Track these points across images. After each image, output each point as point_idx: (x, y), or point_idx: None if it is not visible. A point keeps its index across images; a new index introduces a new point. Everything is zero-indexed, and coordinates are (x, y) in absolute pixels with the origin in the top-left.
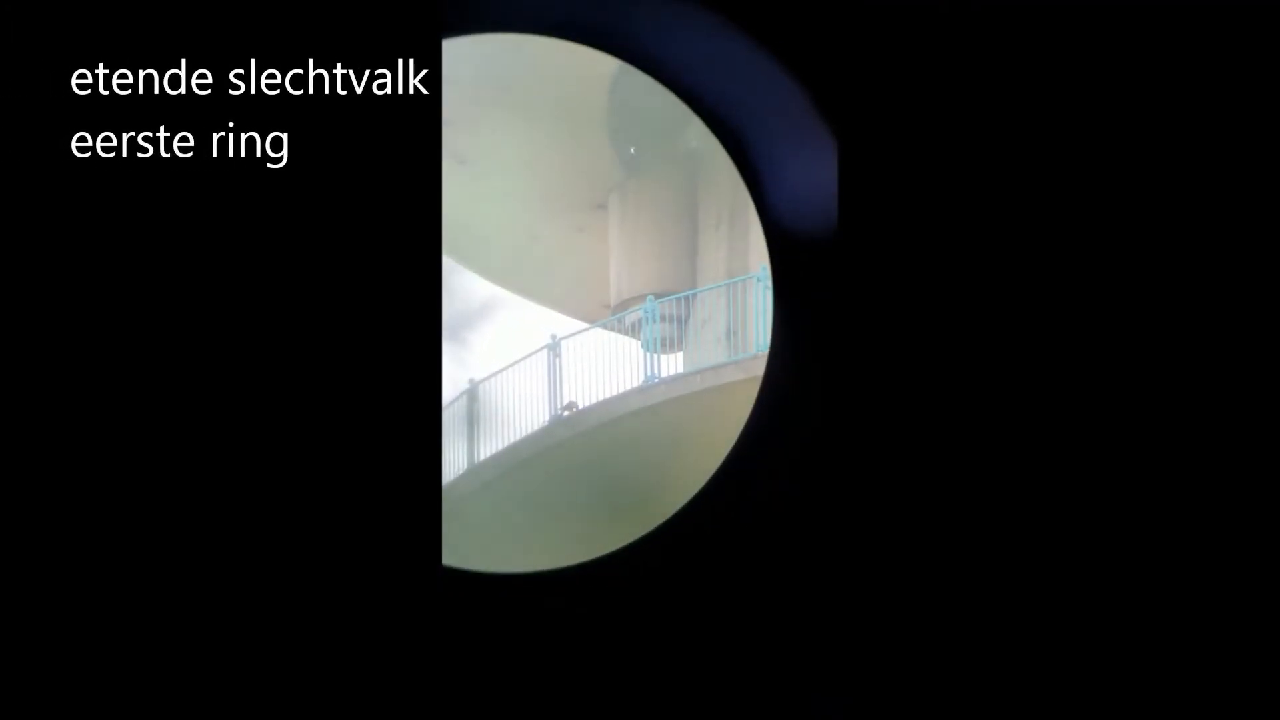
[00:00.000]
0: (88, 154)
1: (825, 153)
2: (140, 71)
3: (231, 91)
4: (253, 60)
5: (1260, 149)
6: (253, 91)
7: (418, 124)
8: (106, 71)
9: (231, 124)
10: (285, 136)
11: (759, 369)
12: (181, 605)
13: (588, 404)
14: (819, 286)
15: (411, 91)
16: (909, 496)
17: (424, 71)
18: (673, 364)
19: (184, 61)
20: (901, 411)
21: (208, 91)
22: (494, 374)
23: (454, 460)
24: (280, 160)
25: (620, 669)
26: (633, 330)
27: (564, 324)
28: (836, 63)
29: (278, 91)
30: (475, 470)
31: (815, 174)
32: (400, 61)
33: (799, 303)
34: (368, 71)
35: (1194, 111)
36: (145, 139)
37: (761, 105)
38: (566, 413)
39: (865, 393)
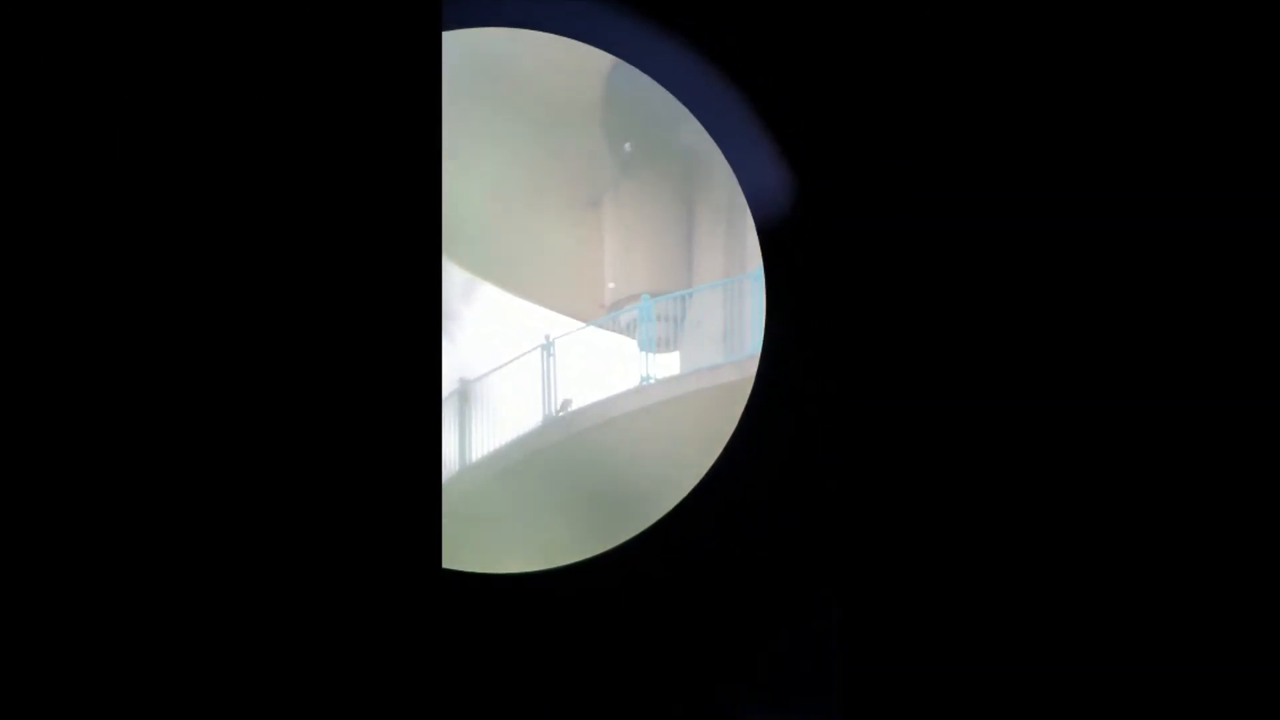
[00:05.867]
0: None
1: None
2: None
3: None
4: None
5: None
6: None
7: (418, 123)
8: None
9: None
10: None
11: (755, 369)
12: (182, 605)
13: (582, 405)
14: (810, 283)
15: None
16: (905, 496)
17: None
18: (669, 364)
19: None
20: (896, 409)
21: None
22: (486, 374)
23: (445, 460)
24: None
25: (615, 668)
26: (628, 330)
27: (558, 323)
28: (803, 79)
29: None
30: (468, 470)
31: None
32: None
33: (790, 300)
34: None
35: (1165, 110)
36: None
37: (750, 103)
38: (562, 412)
39: (858, 391)
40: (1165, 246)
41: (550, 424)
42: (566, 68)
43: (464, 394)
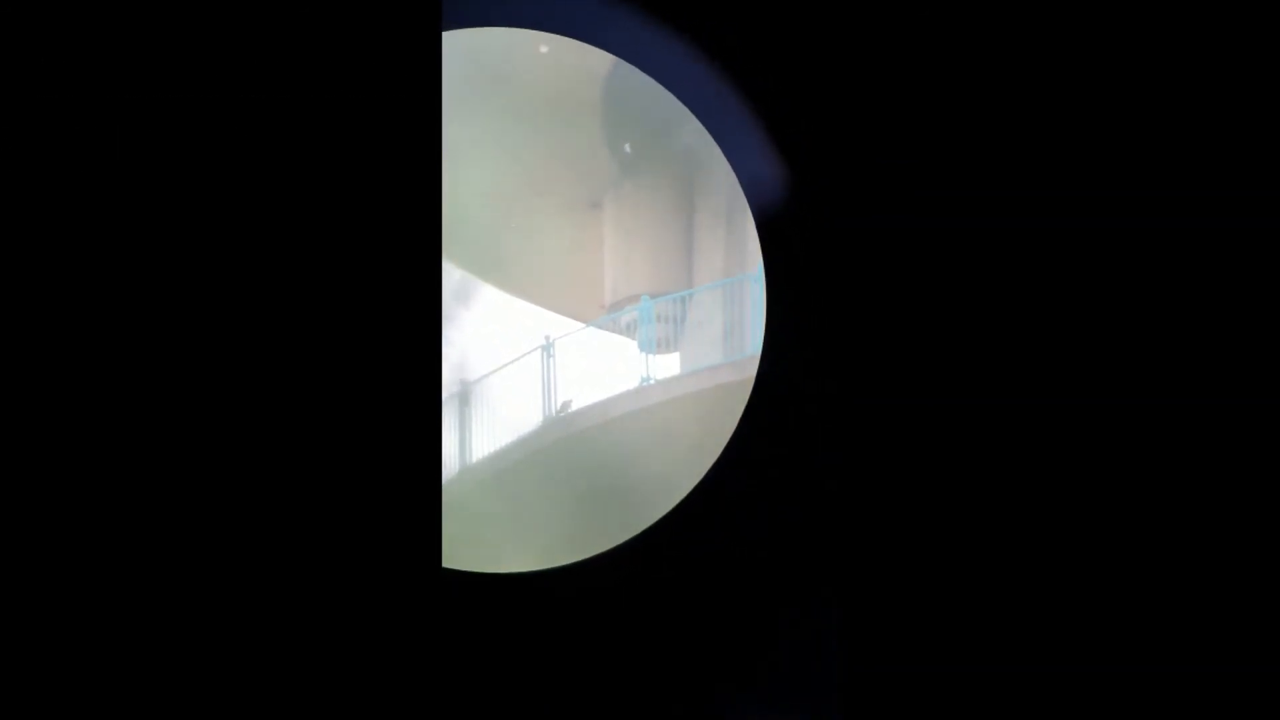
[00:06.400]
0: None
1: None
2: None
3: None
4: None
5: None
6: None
7: (418, 123)
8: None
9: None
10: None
11: (755, 370)
12: (182, 604)
13: (582, 405)
14: (810, 283)
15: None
16: (905, 496)
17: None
18: (669, 365)
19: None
20: (896, 409)
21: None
22: (486, 375)
23: (445, 461)
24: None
25: (615, 668)
26: (628, 330)
27: (558, 323)
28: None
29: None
30: (468, 470)
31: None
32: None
33: (791, 300)
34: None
35: (1165, 110)
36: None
37: (750, 103)
38: (562, 413)
39: (858, 391)
40: (1165, 246)
41: (550, 424)
42: (566, 68)
43: (464, 395)
